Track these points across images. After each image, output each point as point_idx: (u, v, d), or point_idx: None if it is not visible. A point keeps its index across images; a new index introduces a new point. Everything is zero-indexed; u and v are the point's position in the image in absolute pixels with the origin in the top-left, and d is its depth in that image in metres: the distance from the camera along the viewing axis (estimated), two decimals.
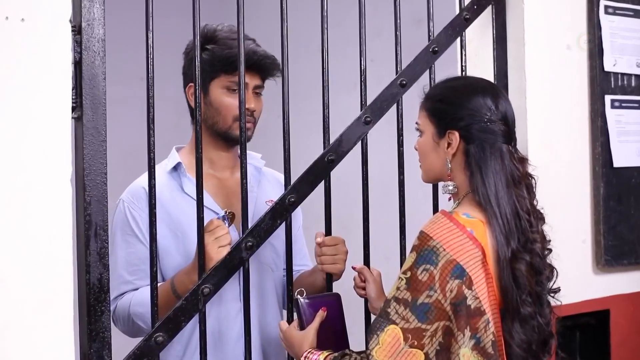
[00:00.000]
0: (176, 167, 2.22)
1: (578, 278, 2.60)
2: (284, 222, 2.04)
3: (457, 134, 1.83)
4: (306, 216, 2.45)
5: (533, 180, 1.87)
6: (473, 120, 1.82)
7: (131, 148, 3.16)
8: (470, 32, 2.44)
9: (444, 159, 1.86)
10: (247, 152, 2.29)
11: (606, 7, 2.70)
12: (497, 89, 1.96)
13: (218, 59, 2.16)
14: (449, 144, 1.84)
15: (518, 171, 1.83)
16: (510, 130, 1.86)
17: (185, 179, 2.20)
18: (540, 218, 1.86)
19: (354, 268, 2.14)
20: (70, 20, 1.71)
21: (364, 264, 2.19)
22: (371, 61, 3.16)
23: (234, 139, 2.18)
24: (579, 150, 2.68)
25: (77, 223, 1.75)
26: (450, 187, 1.86)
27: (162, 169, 2.22)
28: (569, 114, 2.65)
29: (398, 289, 1.71)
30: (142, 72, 3.03)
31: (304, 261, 2.38)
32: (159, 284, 2.06)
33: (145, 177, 2.11)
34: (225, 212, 2.08)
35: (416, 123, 1.93)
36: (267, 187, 2.33)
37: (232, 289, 2.13)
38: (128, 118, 4.35)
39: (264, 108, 2.31)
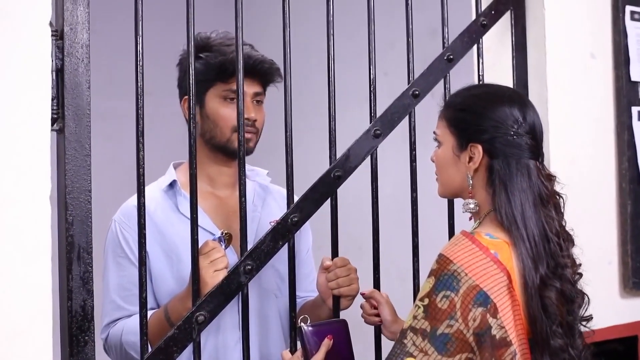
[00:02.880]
0: (172, 185, 2.07)
1: (604, 302, 2.44)
2: (287, 244, 1.88)
3: (480, 147, 1.68)
4: (318, 236, 2.30)
5: (561, 200, 1.72)
6: (498, 133, 1.68)
7: (133, 164, 3.04)
8: (488, 39, 2.30)
9: (465, 174, 1.71)
10: (253, 168, 2.18)
11: (632, 12, 2.55)
12: (525, 98, 1.81)
13: (212, 67, 2.03)
14: (470, 158, 1.70)
15: (546, 189, 1.68)
16: (538, 145, 1.71)
17: (180, 197, 2.05)
18: (570, 240, 1.71)
19: (363, 294, 1.98)
20: (50, 24, 1.57)
21: (374, 287, 2.03)
22: (384, 74, 3.06)
23: (234, 151, 2.03)
24: (604, 165, 2.54)
25: (59, 245, 1.61)
26: (472, 205, 1.72)
27: (158, 186, 2.08)
28: (593, 127, 2.51)
29: (415, 317, 1.57)
30: (150, 86, 2.91)
31: (312, 287, 2.21)
32: (153, 311, 1.92)
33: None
34: (222, 233, 1.93)
35: (434, 133, 1.79)
36: (272, 206, 2.18)
37: (231, 316, 1.98)
38: (133, 132, 4.29)
39: (273, 121, 2.16)
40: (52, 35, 1.57)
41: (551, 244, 1.64)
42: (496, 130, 1.67)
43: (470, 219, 1.77)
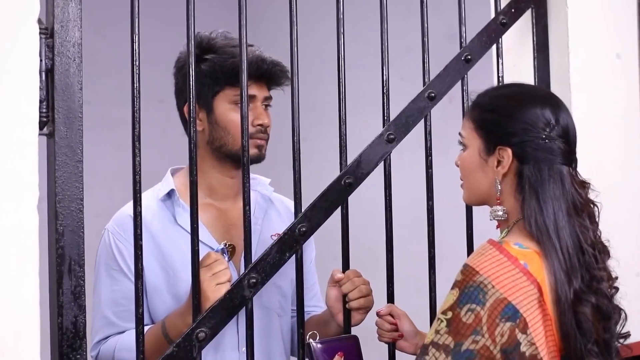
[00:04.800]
0: (170, 194, 1.96)
1: (633, 316, 2.31)
2: (294, 256, 1.77)
3: (509, 151, 1.58)
4: (332, 246, 2.19)
5: (595, 208, 1.61)
6: (528, 137, 1.57)
7: (146, 174, 2.96)
8: (508, 38, 2.19)
9: (493, 179, 1.61)
10: (255, 176, 2.08)
11: None
12: (557, 99, 1.69)
13: (221, 70, 1.91)
14: (499, 162, 1.60)
15: (580, 197, 1.58)
16: (572, 150, 1.61)
17: (179, 208, 1.93)
18: (606, 252, 1.61)
19: (378, 314, 1.86)
20: (40, 21, 1.47)
21: (388, 302, 1.92)
22: (401, 79, 2.95)
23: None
24: (631, 171, 2.43)
25: (49, 257, 1.51)
26: (500, 213, 1.62)
27: (154, 195, 1.97)
28: (620, 131, 2.40)
29: (437, 332, 1.47)
30: (157, 92, 2.81)
31: (314, 302, 2.10)
32: (148, 327, 1.82)
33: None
34: (225, 245, 1.82)
35: (459, 134, 1.69)
36: (274, 219, 2.06)
37: (230, 335, 1.87)
38: (145, 141, 4.21)
39: (285, 128, 2.06)
40: (41, 33, 1.47)
41: (586, 255, 1.54)
42: (527, 134, 1.57)
43: (497, 227, 1.66)
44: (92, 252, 1.94)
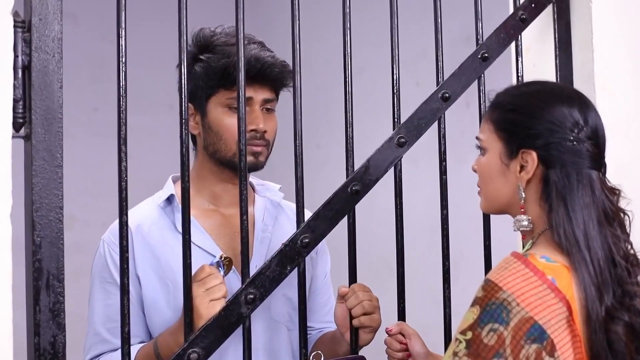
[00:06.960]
0: (170, 200, 1.84)
1: None
2: (297, 269, 1.64)
3: (534, 154, 1.45)
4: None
5: (627, 217, 1.48)
6: (554, 138, 1.44)
7: (155, 181, 2.86)
8: (528, 35, 2.06)
9: (515, 186, 1.48)
10: (263, 182, 1.98)
11: None
12: (585, 98, 1.55)
13: (214, 71, 1.79)
14: (522, 167, 1.47)
15: (612, 205, 1.44)
16: (601, 153, 1.48)
17: (179, 214, 1.80)
18: (638, 265, 1.47)
19: (388, 332, 1.73)
20: (15, 14, 1.35)
21: (399, 318, 1.78)
22: (417, 84, 2.83)
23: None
24: None
25: (26, 271, 1.38)
26: (525, 223, 1.49)
27: (154, 202, 1.85)
28: None
29: (455, 354, 1.34)
30: (170, 100, 2.73)
31: (328, 318, 1.96)
32: (141, 345, 1.69)
33: (133, 212, 1.76)
34: (220, 257, 1.69)
35: (477, 138, 1.56)
36: (286, 226, 1.93)
37: (235, 352, 1.72)
38: (155, 149, 4.12)
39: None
40: (16, 26, 1.36)
41: (618, 268, 1.41)
42: (552, 135, 1.44)
43: (523, 238, 1.54)
44: None
